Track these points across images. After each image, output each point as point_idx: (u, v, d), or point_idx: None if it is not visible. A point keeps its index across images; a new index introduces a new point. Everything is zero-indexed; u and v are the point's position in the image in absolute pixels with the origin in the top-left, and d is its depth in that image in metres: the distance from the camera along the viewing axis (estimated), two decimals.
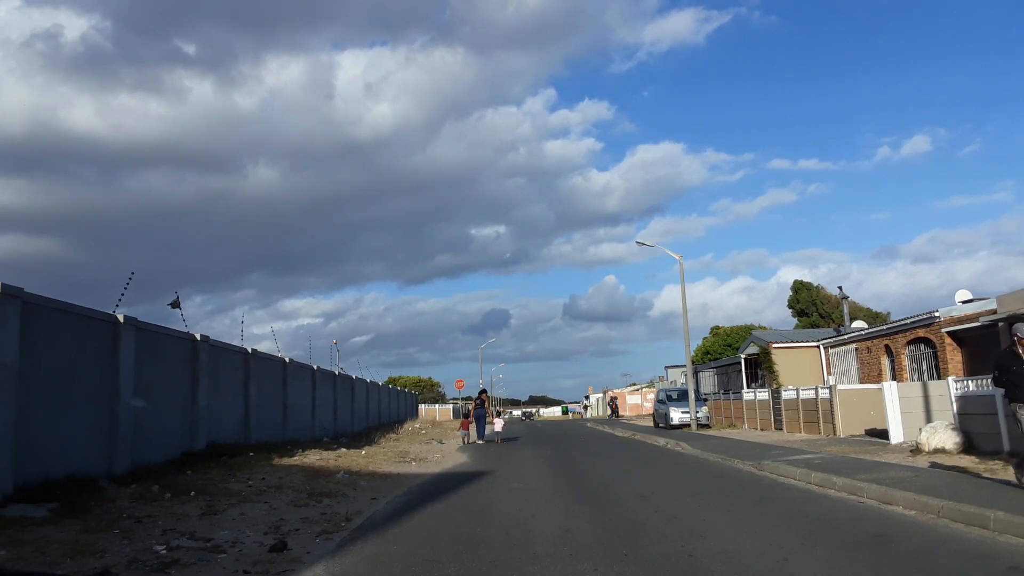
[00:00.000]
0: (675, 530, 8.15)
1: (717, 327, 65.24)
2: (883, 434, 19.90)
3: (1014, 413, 9.61)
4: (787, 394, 27.69)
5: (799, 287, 63.20)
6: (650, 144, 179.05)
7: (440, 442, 26.77)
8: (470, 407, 30.68)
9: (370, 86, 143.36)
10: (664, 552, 7.04)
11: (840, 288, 41.99)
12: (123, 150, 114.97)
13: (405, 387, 63.35)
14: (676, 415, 35.93)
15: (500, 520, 9.19)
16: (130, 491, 10.11)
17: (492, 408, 31.97)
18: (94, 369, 11.23)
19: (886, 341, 28.57)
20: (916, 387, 19.98)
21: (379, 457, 18.31)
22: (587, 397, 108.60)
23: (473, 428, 27.81)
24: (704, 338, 63.98)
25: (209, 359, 15.62)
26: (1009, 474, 11.33)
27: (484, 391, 31.50)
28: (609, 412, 68.66)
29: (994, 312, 20.76)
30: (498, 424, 30.87)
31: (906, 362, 26.95)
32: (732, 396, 35.95)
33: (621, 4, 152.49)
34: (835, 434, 23.09)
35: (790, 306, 63.53)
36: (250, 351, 18.67)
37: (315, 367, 25.14)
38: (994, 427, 14.07)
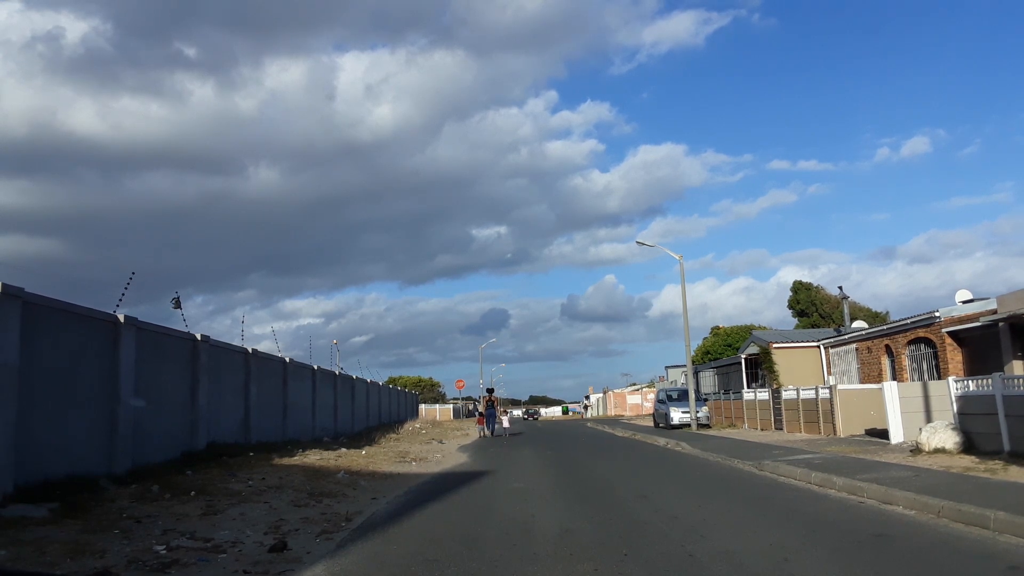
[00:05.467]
0: (675, 530, 8.15)
1: (717, 327, 65.24)
2: (883, 434, 19.89)
3: None
4: (787, 394, 27.68)
5: (799, 287, 63.16)
6: (651, 145, 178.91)
7: (440, 442, 26.77)
8: (481, 407, 35.39)
9: (370, 88, 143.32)
10: (664, 552, 7.03)
11: (840, 288, 41.99)
12: (124, 152, 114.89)
13: (405, 387, 63.36)
14: (676, 415, 35.93)
15: (500, 520, 9.19)
16: (130, 491, 10.11)
17: (499, 408, 34.24)
18: (94, 369, 11.23)
19: (886, 341, 28.56)
20: (916, 387, 19.98)
21: (379, 457, 18.31)
22: (587, 397, 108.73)
23: (486, 424, 32.07)
24: (704, 338, 64.00)
25: (209, 359, 15.62)
26: (1010, 474, 11.33)
27: (491, 390, 35.05)
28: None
29: (994, 312, 20.75)
30: (504, 421, 33.61)
31: (906, 362, 26.95)
32: (732, 396, 35.95)
33: (620, 6, 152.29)
34: (835, 434, 23.09)
35: (790, 306, 63.51)
36: (250, 351, 18.67)
37: (315, 367, 25.14)
38: (994, 427, 14.06)
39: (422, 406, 68.74)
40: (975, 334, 23.01)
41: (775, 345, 35.89)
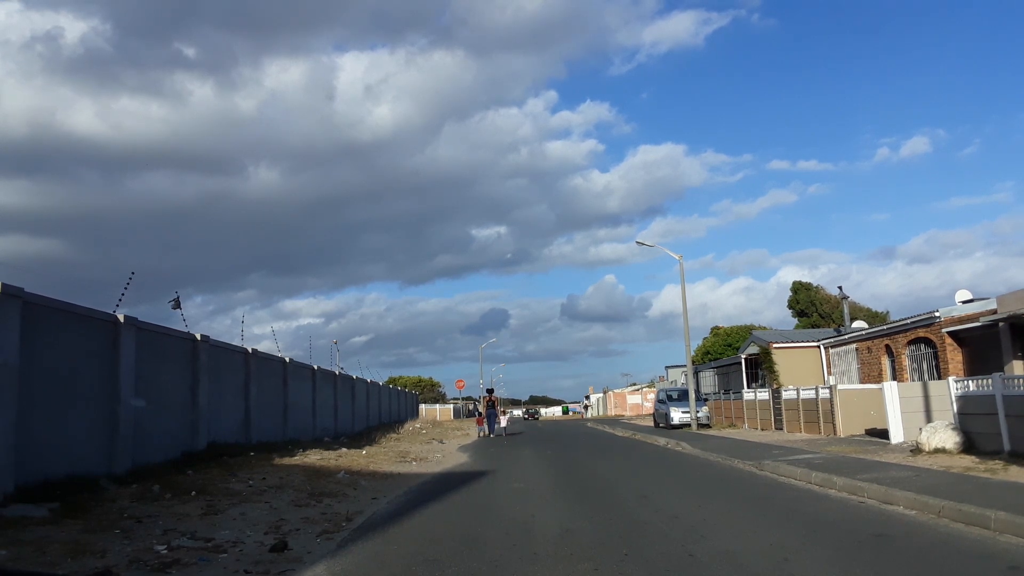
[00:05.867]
0: (676, 530, 8.15)
1: (717, 327, 65.23)
2: (883, 434, 19.89)
3: None
4: (787, 394, 27.68)
5: (799, 287, 63.15)
6: (650, 145, 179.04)
7: (441, 442, 26.77)
8: (481, 408, 36.60)
9: (370, 88, 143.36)
10: (665, 552, 7.03)
11: (840, 288, 41.97)
12: (124, 152, 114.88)
13: (405, 387, 63.35)
14: (676, 415, 35.92)
15: (500, 520, 9.19)
16: (131, 491, 10.11)
17: (499, 408, 35.52)
18: (94, 369, 11.23)
19: (886, 341, 28.56)
20: (916, 387, 19.97)
21: (380, 457, 18.31)
22: (587, 397, 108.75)
23: (486, 423, 32.60)
24: (704, 338, 64.00)
25: (210, 359, 15.62)
26: (1010, 474, 11.33)
27: (491, 390, 35.39)
28: None
29: (994, 312, 20.74)
30: (503, 421, 34.14)
31: (906, 362, 26.95)
32: (732, 396, 35.95)
33: (620, 6, 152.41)
34: (835, 434, 23.09)
35: (790, 306, 63.50)
36: (250, 351, 18.67)
37: (315, 367, 25.14)
38: (995, 427, 14.06)
39: (422, 406, 68.73)
40: (975, 334, 23.01)
41: (775, 345, 35.89)
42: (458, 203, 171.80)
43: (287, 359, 21.86)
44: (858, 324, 36.11)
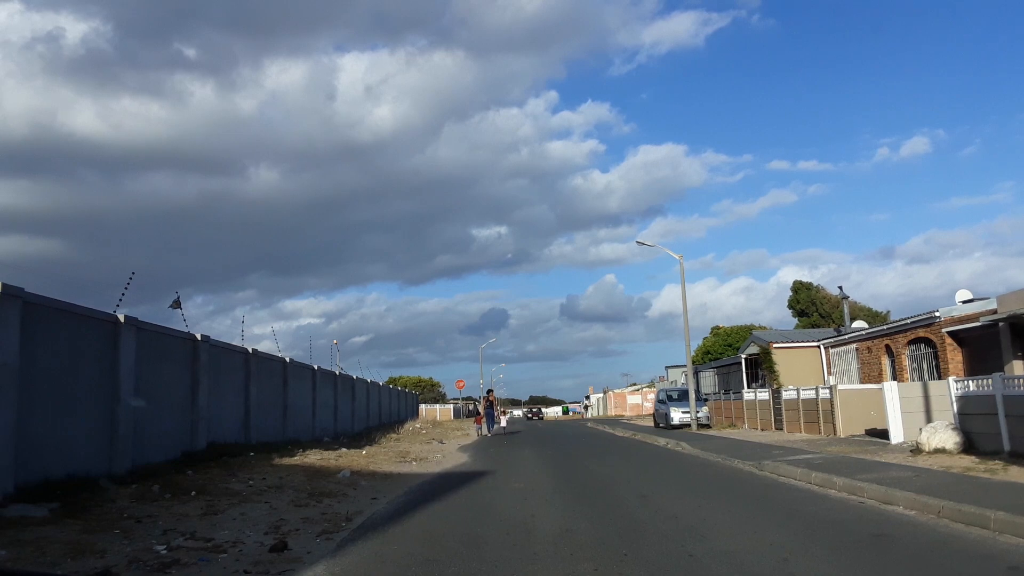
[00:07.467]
0: (675, 530, 8.15)
1: (717, 327, 65.27)
2: (883, 434, 19.89)
3: None
4: (787, 394, 27.68)
5: (799, 287, 63.17)
6: (651, 145, 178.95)
7: (441, 442, 26.77)
8: (480, 407, 37.07)
9: (370, 88, 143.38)
10: (664, 552, 7.04)
11: (840, 288, 42.00)
12: (124, 152, 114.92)
13: (405, 387, 63.37)
14: (676, 415, 35.93)
15: (500, 520, 9.19)
16: (130, 491, 10.11)
17: (498, 408, 36.07)
18: (94, 369, 11.24)
19: (886, 341, 28.56)
20: (916, 387, 19.97)
21: (380, 457, 18.31)
22: (587, 397, 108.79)
23: (485, 423, 32.92)
24: (704, 338, 64.04)
25: (209, 359, 15.62)
26: (1010, 474, 11.33)
27: (491, 391, 35.48)
28: None
29: (994, 312, 20.75)
30: (503, 421, 34.72)
31: (906, 362, 26.95)
32: (732, 396, 35.94)
33: (620, 7, 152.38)
34: (835, 434, 23.09)
35: (790, 306, 63.52)
36: (251, 351, 18.67)
37: (315, 367, 25.14)
38: (994, 427, 14.06)
39: (422, 406, 68.75)
40: (975, 334, 23.01)
41: (775, 345, 35.88)
42: (458, 203, 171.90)
43: (287, 359, 21.87)
44: (858, 324, 36.12)
